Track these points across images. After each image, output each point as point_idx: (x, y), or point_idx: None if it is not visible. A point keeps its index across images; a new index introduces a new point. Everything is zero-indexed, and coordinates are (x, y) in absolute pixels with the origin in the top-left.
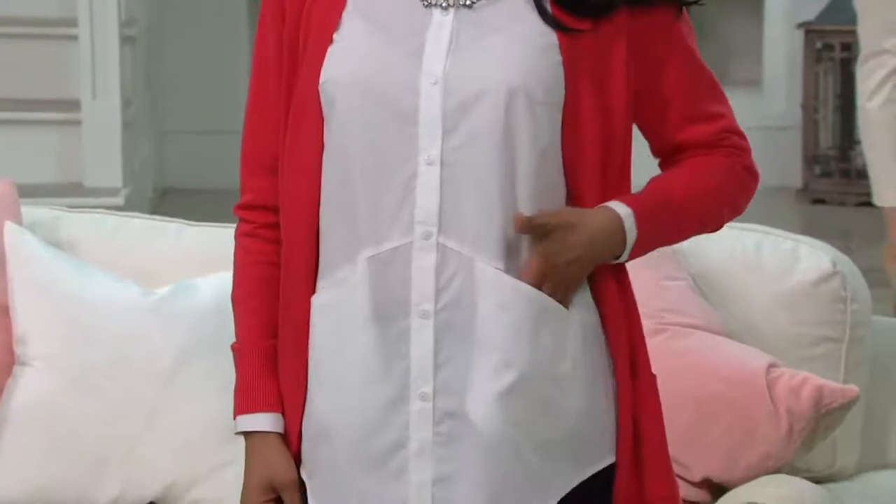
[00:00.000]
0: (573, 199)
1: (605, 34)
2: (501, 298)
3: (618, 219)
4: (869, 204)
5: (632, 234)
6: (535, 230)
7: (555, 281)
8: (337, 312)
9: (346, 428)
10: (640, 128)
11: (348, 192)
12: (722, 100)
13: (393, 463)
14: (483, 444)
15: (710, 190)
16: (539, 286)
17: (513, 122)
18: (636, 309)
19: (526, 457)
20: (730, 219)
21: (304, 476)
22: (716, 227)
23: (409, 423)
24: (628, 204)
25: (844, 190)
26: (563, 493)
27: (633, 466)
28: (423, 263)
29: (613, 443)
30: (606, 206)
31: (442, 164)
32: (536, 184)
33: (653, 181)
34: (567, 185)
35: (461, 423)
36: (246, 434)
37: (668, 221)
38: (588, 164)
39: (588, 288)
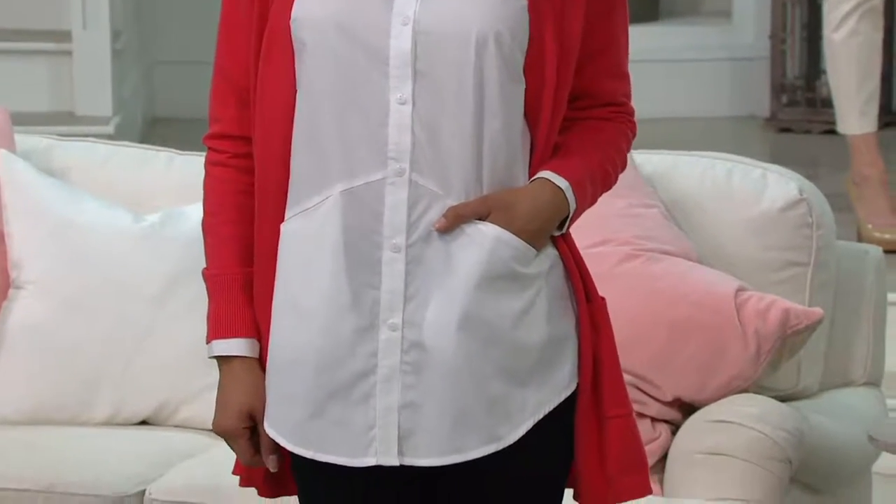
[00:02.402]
0: (532, 140)
1: None
2: (469, 235)
3: (560, 192)
4: (834, 132)
5: (572, 206)
6: (469, 218)
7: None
8: (306, 242)
9: (313, 355)
10: None
11: (320, 127)
12: (628, 61)
13: (359, 389)
14: (448, 373)
15: (615, 160)
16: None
17: (482, 64)
18: (571, 236)
19: (491, 386)
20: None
21: (265, 415)
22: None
23: (378, 351)
24: (564, 176)
25: (810, 118)
26: (531, 423)
27: (593, 389)
28: (396, 198)
29: (576, 369)
30: (546, 179)
31: (413, 103)
32: (502, 124)
33: (570, 147)
34: (528, 125)
35: (428, 354)
36: (223, 359)
37: (592, 191)
38: (545, 107)
39: None
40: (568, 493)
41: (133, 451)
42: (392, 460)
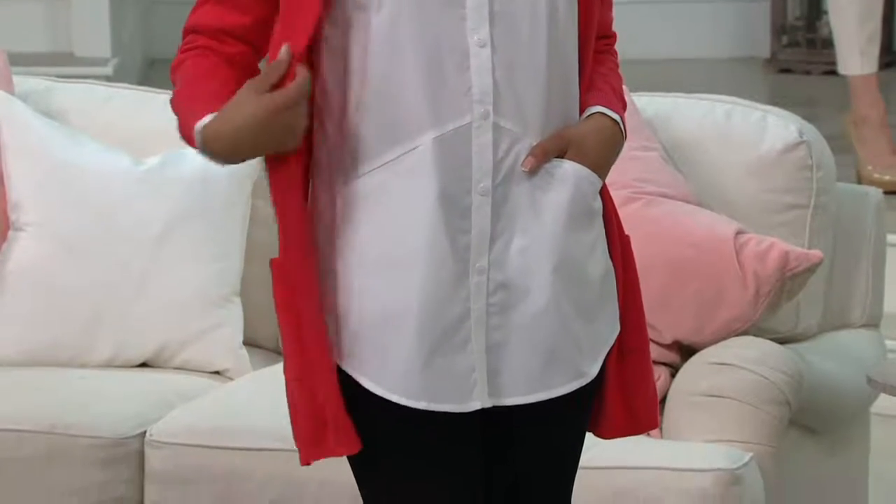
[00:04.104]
0: (579, 74)
1: None
2: (551, 173)
3: (616, 125)
4: (834, 73)
5: (625, 138)
6: (552, 156)
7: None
8: (394, 195)
9: (416, 308)
10: None
11: (399, 79)
12: None
13: (459, 336)
14: (538, 313)
15: (622, 93)
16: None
17: (554, 4)
18: None
19: (574, 323)
20: None
21: (353, 369)
22: None
23: (470, 295)
24: (613, 109)
25: (810, 59)
26: (601, 359)
27: (622, 322)
28: (482, 141)
29: (617, 304)
30: (602, 113)
31: (492, 44)
32: (566, 60)
33: (596, 82)
34: (578, 59)
35: (513, 294)
36: (207, 129)
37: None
38: (591, 39)
39: None
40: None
41: (133, 392)
42: (485, 402)
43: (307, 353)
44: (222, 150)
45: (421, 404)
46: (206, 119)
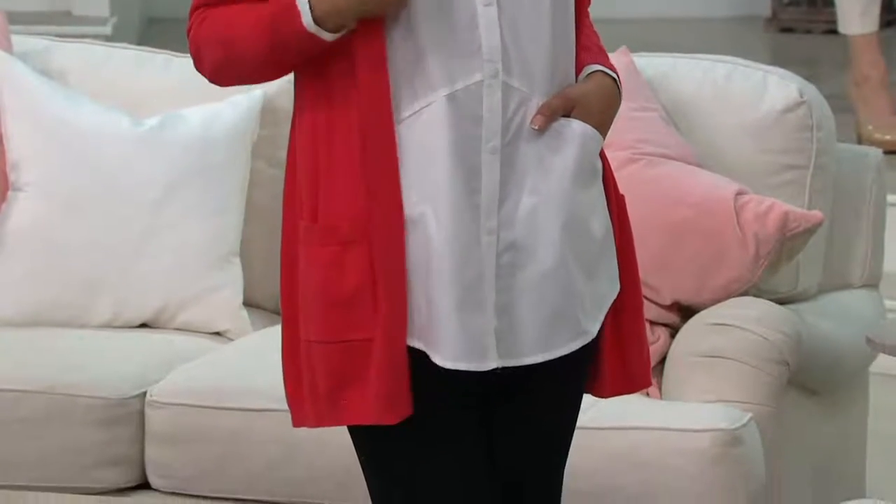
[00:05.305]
0: (575, 34)
1: None
2: (558, 132)
3: (615, 84)
4: (835, 32)
5: (622, 97)
6: (559, 115)
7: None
8: (416, 149)
9: (444, 266)
10: None
11: (413, 34)
12: None
13: (474, 296)
14: (547, 272)
15: (605, 52)
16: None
17: None
18: None
19: (577, 281)
20: None
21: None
22: None
23: (482, 256)
24: (609, 68)
25: (811, 18)
26: (601, 317)
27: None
28: (492, 100)
29: (616, 262)
30: (602, 72)
31: (498, 4)
32: (567, 19)
33: (585, 43)
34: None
35: (521, 254)
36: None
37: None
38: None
39: None
40: None
41: (134, 353)
42: (497, 362)
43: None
44: (333, 9)
45: (448, 364)
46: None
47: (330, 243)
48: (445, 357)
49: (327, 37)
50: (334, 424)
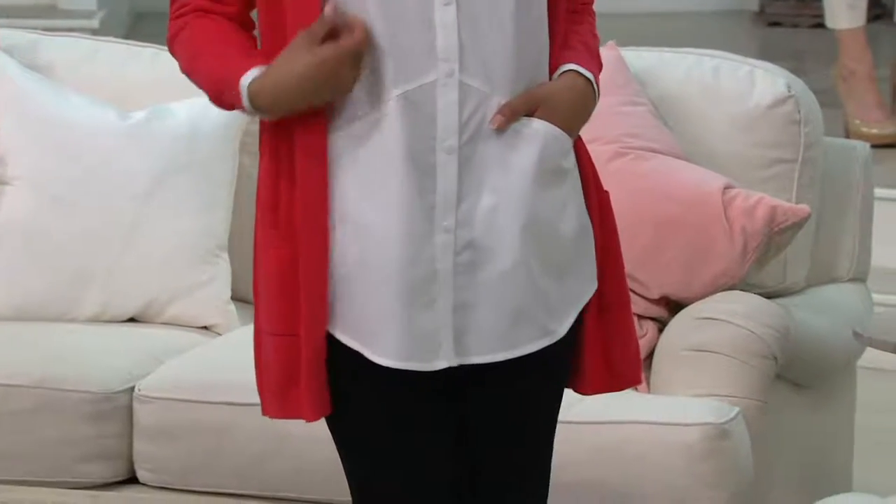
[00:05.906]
0: (550, 33)
1: None
2: (520, 132)
3: (589, 84)
4: (822, 26)
5: (598, 97)
6: (521, 114)
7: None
8: (365, 150)
9: (389, 266)
10: None
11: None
12: None
13: (426, 295)
14: (506, 271)
15: (598, 52)
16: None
17: None
18: None
19: (542, 281)
20: None
21: (333, 327)
22: None
23: (435, 256)
24: (586, 68)
25: (798, 12)
26: (574, 315)
27: (600, 278)
28: (448, 100)
29: (595, 260)
30: (576, 72)
31: (457, 2)
32: (535, 18)
33: (570, 40)
34: (549, 17)
35: (480, 253)
36: (255, 83)
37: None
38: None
39: None
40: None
41: (122, 347)
42: (451, 360)
43: (301, 309)
44: (274, 103)
45: (387, 361)
46: (253, 73)
47: (274, 240)
48: (388, 355)
49: (269, 118)
50: (280, 418)
